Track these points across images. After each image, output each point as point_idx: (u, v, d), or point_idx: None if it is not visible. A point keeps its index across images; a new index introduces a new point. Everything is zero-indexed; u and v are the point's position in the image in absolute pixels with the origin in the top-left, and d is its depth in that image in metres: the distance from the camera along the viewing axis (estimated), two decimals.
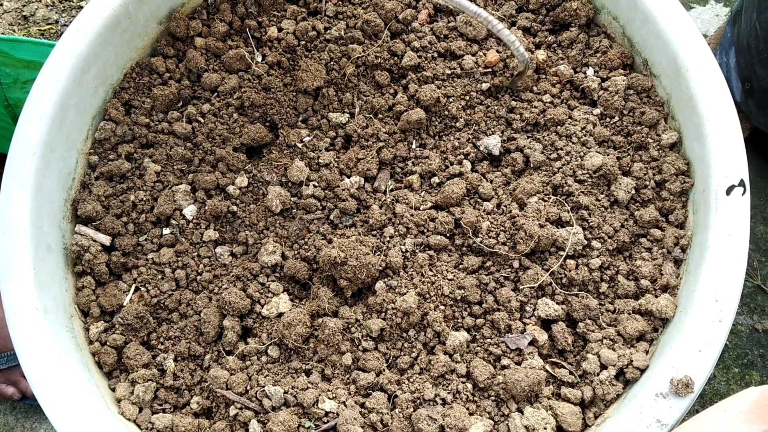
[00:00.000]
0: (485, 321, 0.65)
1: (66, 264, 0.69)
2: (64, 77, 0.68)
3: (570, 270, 0.65)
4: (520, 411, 0.61)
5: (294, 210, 0.72)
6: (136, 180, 0.73)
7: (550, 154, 0.71)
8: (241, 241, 0.71)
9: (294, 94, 0.76)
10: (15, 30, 0.92)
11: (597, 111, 0.72)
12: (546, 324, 0.65)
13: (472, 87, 0.75)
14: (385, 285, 0.67)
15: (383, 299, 0.65)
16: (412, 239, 0.69)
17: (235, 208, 0.72)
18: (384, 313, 0.65)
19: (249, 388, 0.64)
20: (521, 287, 0.65)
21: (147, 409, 0.65)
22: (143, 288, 0.69)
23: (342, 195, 0.72)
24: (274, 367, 0.66)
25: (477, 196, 0.71)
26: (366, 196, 0.72)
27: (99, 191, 0.71)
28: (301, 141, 0.74)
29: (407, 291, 0.66)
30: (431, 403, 0.62)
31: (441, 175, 0.73)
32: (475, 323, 0.65)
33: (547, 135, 0.72)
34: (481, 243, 0.67)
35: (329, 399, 0.62)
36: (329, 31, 0.78)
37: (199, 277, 0.70)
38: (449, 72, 0.76)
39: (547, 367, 0.63)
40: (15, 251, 0.63)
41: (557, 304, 0.64)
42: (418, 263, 0.67)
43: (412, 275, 0.67)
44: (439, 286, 0.66)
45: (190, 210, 0.72)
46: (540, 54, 0.75)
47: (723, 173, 0.62)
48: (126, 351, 0.66)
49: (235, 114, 0.75)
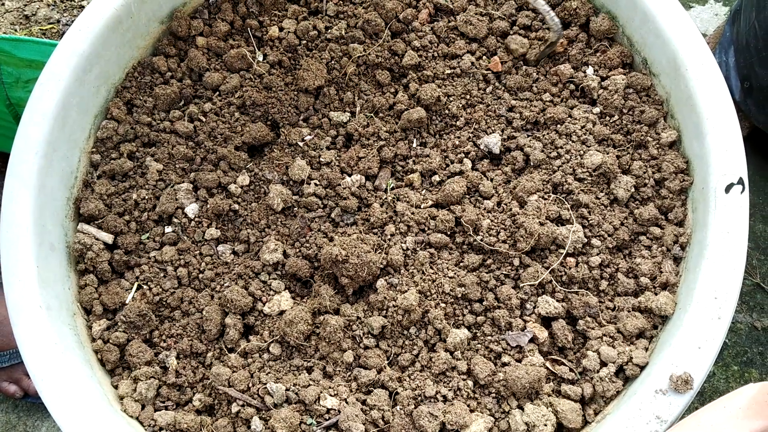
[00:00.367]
0: (486, 318, 0.65)
1: (69, 262, 0.69)
2: (66, 76, 0.68)
3: (570, 268, 0.66)
4: (520, 408, 0.62)
5: (295, 208, 0.72)
6: (138, 179, 0.73)
7: (550, 152, 0.71)
8: (243, 240, 0.72)
9: (295, 93, 0.76)
10: (17, 29, 0.92)
11: (597, 110, 0.73)
12: (546, 321, 0.66)
13: (473, 85, 0.76)
14: (386, 283, 0.67)
15: (384, 297, 0.66)
16: (412, 237, 0.69)
17: (237, 206, 0.72)
18: (385, 311, 0.66)
19: (251, 385, 0.64)
20: (521, 285, 0.65)
21: (149, 407, 0.65)
22: (145, 286, 0.70)
23: (343, 193, 0.72)
24: (275, 365, 0.66)
25: (477, 194, 0.72)
26: (367, 194, 0.73)
27: (101, 190, 0.72)
28: (303, 140, 0.75)
29: (408, 289, 0.66)
30: (432, 400, 0.62)
31: (441, 174, 0.73)
32: (476, 321, 0.65)
33: (547, 133, 0.72)
34: (482, 241, 0.67)
35: (331, 396, 0.62)
36: (330, 31, 0.78)
37: (201, 275, 0.70)
38: (449, 71, 0.76)
39: (548, 364, 0.63)
40: (18, 249, 0.64)
41: (557, 301, 0.65)
42: (418, 261, 0.68)
43: (413, 273, 0.68)
44: (440, 283, 0.66)
45: (192, 208, 0.72)
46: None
47: (722, 171, 0.62)
48: (128, 348, 0.67)
49: (237, 113, 0.76)
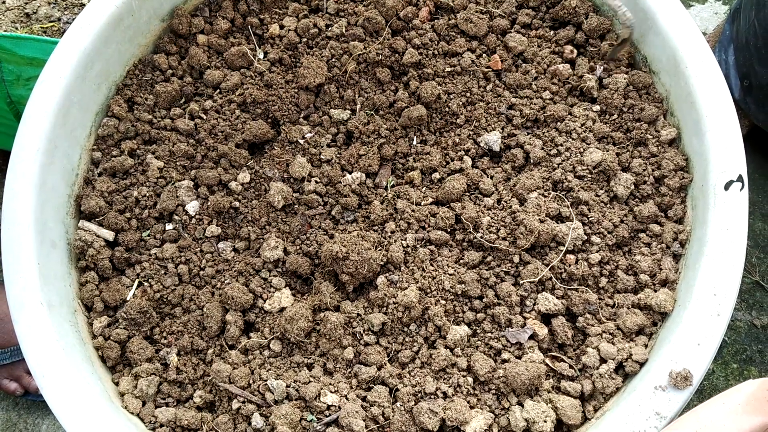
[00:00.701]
0: (486, 315, 0.65)
1: (70, 259, 0.70)
2: (67, 74, 0.69)
3: (570, 265, 0.66)
4: (520, 404, 0.62)
5: (296, 206, 0.73)
6: (139, 176, 0.73)
7: (550, 150, 0.72)
8: (244, 237, 0.72)
9: (296, 90, 0.76)
10: (17, 27, 0.92)
11: (596, 107, 0.73)
12: (546, 318, 0.66)
13: (473, 83, 0.76)
14: (387, 280, 0.67)
15: (384, 294, 0.66)
16: (413, 234, 0.69)
17: (238, 203, 0.73)
18: (385, 308, 0.66)
19: (251, 381, 0.64)
20: (521, 282, 0.66)
21: (150, 403, 0.65)
22: (146, 283, 0.70)
23: (343, 191, 0.72)
24: (276, 361, 0.66)
25: (477, 191, 0.72)
26: (367, 191, 0.73)
27: (102, 187, 0.72)
28: (303, 137, 0.75)
29: (408, 286, 0.66)
30: (432, 397, 0.62)
31: (442, 171, 0.73)
32: (476, 317, 0.65)
33: (547, 131, 0.73)
34: (482, 238, 0.68)
35: (331, 392, 0.62)
36: (330, 29, 0.78)
37: (202, 272, 0.70)
38: (450, 69, 0.76)
39: (547, 361, 0.63)
40: (19, 247, 0.64)
41: (557, 298, 0.65)
42: (419, 258, 0.68)
43: (413, 270, 0.68)
44: (440, 280, 0.66)
45: (192, 206, 0.72)
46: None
47: (721, 169, 0.62)
48: (129, 345, 0.67)
49: (237, 110, 0.76)
